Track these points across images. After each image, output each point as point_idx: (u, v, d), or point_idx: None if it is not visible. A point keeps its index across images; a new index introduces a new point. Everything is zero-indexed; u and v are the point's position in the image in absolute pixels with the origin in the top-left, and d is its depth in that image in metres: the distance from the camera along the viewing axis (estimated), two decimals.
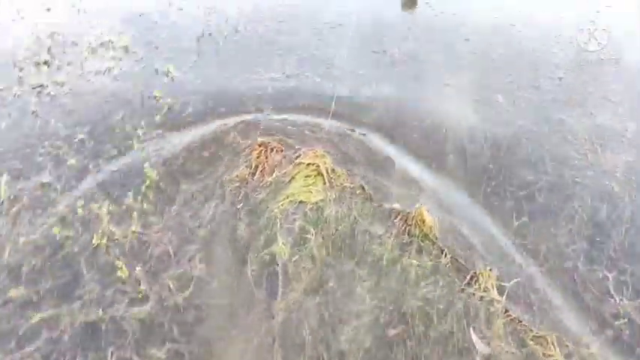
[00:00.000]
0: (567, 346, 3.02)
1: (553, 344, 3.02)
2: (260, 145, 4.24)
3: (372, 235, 3.56)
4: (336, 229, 3.58)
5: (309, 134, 4.44)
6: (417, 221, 3.60)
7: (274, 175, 4.01)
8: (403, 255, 3.45)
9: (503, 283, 3.31)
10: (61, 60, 5.32)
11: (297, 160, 4.12)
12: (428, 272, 3.35)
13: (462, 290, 3.25)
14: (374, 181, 4.03)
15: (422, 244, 3.52)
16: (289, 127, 4.49)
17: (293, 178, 3.99)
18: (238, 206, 3.78)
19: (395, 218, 3.69)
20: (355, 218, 3.67)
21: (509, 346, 3.01)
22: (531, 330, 3.09)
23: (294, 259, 3.41)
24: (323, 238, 3.53)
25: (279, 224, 3.61)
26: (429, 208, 3.69)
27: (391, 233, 3.57)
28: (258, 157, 4.14)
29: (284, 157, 4.17)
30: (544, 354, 2.99)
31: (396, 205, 3.78)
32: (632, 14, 6.37)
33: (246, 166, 4.09)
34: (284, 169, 4.06)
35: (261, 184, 3.96)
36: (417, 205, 3.68)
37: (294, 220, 3.65)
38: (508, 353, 2.98)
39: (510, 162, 4.23)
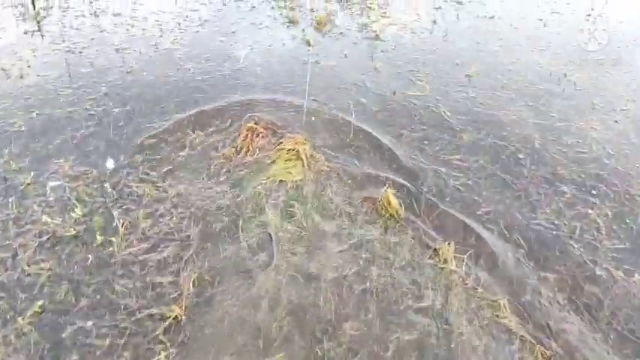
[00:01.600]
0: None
1: (505, 307, 3.41)
2: (247, 130, 4.68)
3: (344, 213, 4.02)
4: (312, 206, 4.03)
5: None
6: (383, 203, 4.04)
7: (255, 155, 4.47)
8: (371, 231, 3.90)
9: (459, 255, 3.74)
10: None
11: (280, 146, 4.54)
12: (392, 247, 3.77)
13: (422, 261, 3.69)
14: None
15: (388, 222, 3.97)
16: None
17: (274, 161, 4.42)
18: (221, 179, 4.26)
19: (364, 200, 4.15)
20: (330, 197, 4.13)
21: (468, 312, 3.39)
22: (484, 297, 3.50)
23: (286, 227, 3.86)
24: (303, 212, 4.00)
25: (265, 199, 4.07)
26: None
27: (361, 212, 4.05)
28: (244, 140, 4.59)
29: (268, 142, 4.64)
30: (497, 316, 3.38)
31: None
32: None
33: (232, 147, 4.58)
34: (266, 152, 4.53)
35: (244, 162, 4.43)
36: (384, 189, 4.12)
37: (278, 196, 4.11)
38: (466, 318, 3.34)
39: None
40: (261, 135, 4.69)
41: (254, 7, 7.25)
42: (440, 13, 7.32)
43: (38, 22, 6.42)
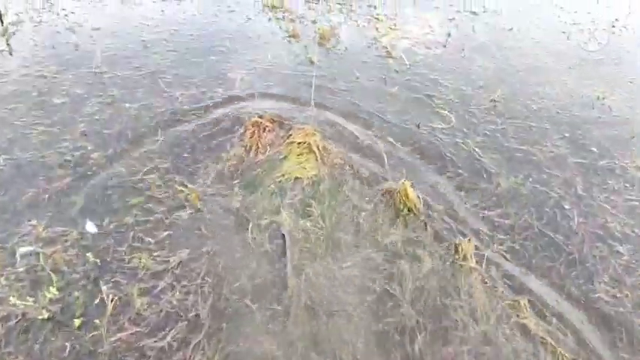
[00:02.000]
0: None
1: (525, 307, 3.35)
2: (253, 125, 4.49)
3: (362, 210, 3.91)
4: (330, 205, 3.91)
5: None
6: (401, 197, 3.92)
7: (267, 153, 4.31)
8: (391, 229, 3.79)
9: (480, 252, 3.69)
10: None
11: (289, 139, 4.36)
12: (413, 244, 3.69)
13: (443, 259, 3.61)
14: None
15: (407, 218, 3.87)
16: None
17: (286, 156, 4.26)
18: (235, 182, 4.08)
19: (382, 195, 4.03)
20: (347, 195, 4.01)
21: (490, 311, 3.33)
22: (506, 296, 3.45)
23: (301, 227, 3.73)
24: (320, 211, 3.86)
25: (279, 198, 3.93)
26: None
27: (379, 209, 3.93)
28: (251, 137, 4.41)
29: (276, 135, 4.46)
30: (519, 316, 3.32)
31: None
32: None
33: (241, 146, 4.38)
34: (277, 148, 4.34)
35: (256, 161, 4.25)
36: (402, 181, 4.01)
37: (295, 195, 3.97)
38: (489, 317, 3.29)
39: None
40: (268, 129, 4.47)
41: (249, 18, 6.56)
42: (454, 24, 6.73)
43: (7, 40, 5.66)
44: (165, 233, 3.63)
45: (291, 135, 4.41)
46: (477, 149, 4.48)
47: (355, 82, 5.38)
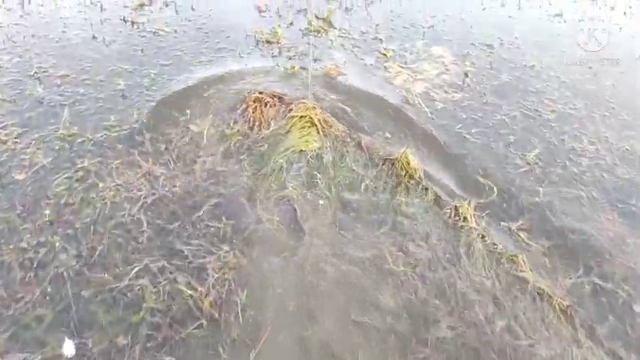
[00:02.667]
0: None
1: (523, 261, 3.63)
2: (254, 101, 4.63)
3: (366, 178, 4.14)
4: (335, 176, 4.12)
5: None
6: (402, 164, 4.17)
7: (271, 128, 4.47)
8: (394, 195, 4.03)
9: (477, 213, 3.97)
10: None
11: (291, 114, 4.53)
12: (415, 208, 3.94)
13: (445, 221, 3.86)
14: None
15: (408, 184, 4.11)
16: None
17: (289, 130, 4.44)
18: (241, 157, 4.24)
19: (383, 163, 4.25)
20: (350, 165, 4.23)
21: (489, 265, 3.61)
22: (504, 252, 3.71)
23: (308, 197, 3.92)
24: (326, 181, 4.07)
25: (285, 172, 4.09)
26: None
27: (381, 176, 4.17)
28: (254, 113, 4.56)
29: (278, 111, 4.62)
30: (517, 270, 3.59)
31: None
32: None
33: (245, 121, 4.56)
34: (279, 123, 4.51)
35: (261, 137, 4.42)
36: (403, 150, 4.27)
37: (300, 167, 4.15)
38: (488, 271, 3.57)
39: None
40: (269, 104, 4.60)
41: (242, 56, 5.80)
42: (469, 61, 6.08)
43: None
44: None
45: (291, 110, 4.59)
46: (522, 235, 3.87)
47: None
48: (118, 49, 5.68)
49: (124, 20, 6.26)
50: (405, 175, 4.12)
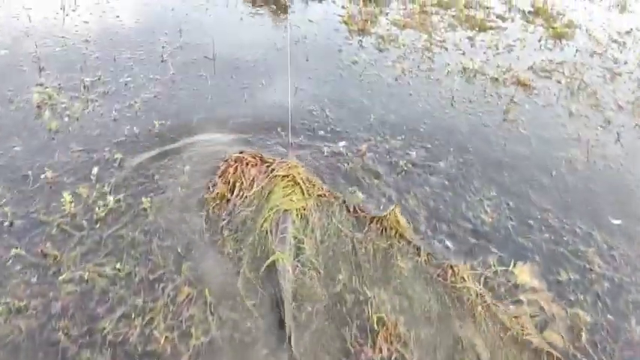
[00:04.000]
0: None
1: (529, 323, 3.46)
2: (235, 161, 4.47)
3: (355, 241, 3.95)
4: (322, 240, 3.92)
5: None
6: (391, 223, 4.02)
7: (253, 190, 4.25)
8: (386, 257, 3.85)
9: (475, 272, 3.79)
10: None
11: (273, 173, 4.36)
12: (411, 271, 3.77)
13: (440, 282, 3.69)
14: None
15: (399, 244, 3.95)
16: None
17: (271, 191, 4.24)
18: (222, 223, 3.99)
19: (371, 222, 4.09)
20: (337, 226, 4.03)
21: (493, 328, 3.40)
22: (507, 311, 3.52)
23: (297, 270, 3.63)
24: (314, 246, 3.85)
25: (270, 239, 3.81)
26: None
27: (371, 238, 3.99)
28: (234, 173, 4.35)
29: (259, 171, 4.42)
30: (523, 332, 3.38)
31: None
32: None
33: (224, 183, 4.30)
34: (261, 183, 4.30)
35: (243, 201, 4.18)
36: (391, 208, 4.11)
37: (285, 228, 3.85)
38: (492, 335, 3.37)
39: None
40: (250, 164, 4.44)
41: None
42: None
43: None
44: None
45: (273, 170, 4.42)
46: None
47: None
48: None
49: None
50: (396, 235, 3.99)
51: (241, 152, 4.55)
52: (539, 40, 7.67)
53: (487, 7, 8.50)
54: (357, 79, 6.15)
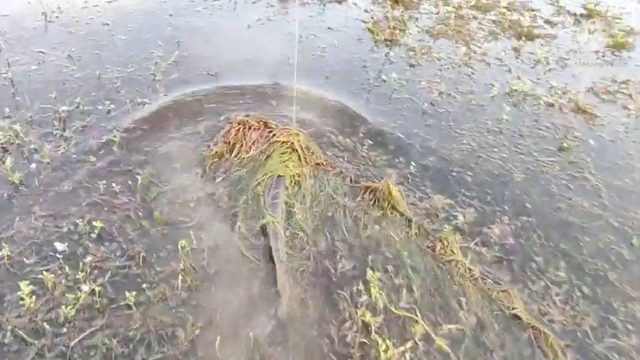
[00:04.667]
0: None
1: (515, 296, 3.43)
2: (239, 123, 4.49)
3: (346, 209, 3.95)
4: (311, 205, 3.97)
5: None
6: (384, 194, 4.01)
7: (250, 152, 4.36)
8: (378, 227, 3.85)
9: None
10: None
11: (274, 139, 4.40)
12: (401, 241, 3.77)
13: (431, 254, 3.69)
14: None
15: (391, 215, 3.95)
16: None
17: (269, 155, 4.31)
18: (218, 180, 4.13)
19: (364, 193, 4.09)
20: (330, 194, 4.06)
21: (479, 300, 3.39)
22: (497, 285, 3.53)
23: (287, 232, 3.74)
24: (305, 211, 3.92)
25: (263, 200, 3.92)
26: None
27: (362, 207, 4.00)
28: (235, 135, 4.41)
29: (261, 135, 4.46)
30: (509, 307, 3.36)
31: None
32: None
33: (224, 143, 4.38)
34: (260, 147, 4.39)
35: (239, 161, 4.30)
36: (384, 180, 4.11)
37: (278, 194, 3.93)
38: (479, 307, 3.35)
39: None
40: (253, 128, 4.48)
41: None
42: None
43: None
44: None
45: (275, 135, 4.48)
46: None
47: None
48: None
49: None
50: (388, 206, 4.00)
51: (247, 115, 4.62)
52: (597, 52, 6.67)
53: (532, 10, 7.47)
54: (387, 104, 5.25)
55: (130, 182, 3.94)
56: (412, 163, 4.46)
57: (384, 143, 4.68)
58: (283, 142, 4.36)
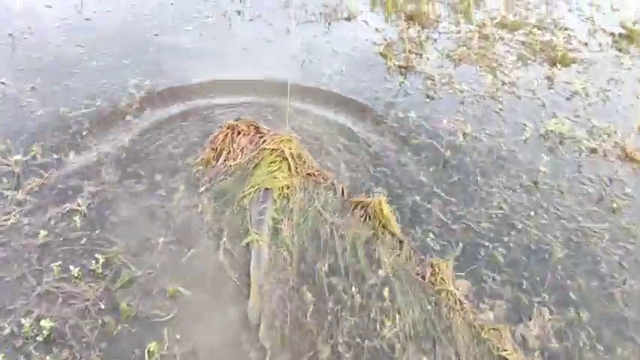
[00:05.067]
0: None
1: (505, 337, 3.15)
2: (228, 128, 4.33)
3: (335, 227, 3.72)
4: (301, 222, 3.76)
5: None
6: (375, 211, 3.81)
7: (238, 160, 4.16)
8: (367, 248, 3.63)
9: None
10: None
11: (263, 145, 4.19)
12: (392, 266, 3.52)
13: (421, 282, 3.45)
14: None
15: (382, 235, 3.71)
16: None
17: (257, 164, 4.10)
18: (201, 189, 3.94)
19: (354, 208, 3.88)
20: (318, 210, 3.83)
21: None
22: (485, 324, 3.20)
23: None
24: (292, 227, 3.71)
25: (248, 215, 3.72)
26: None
27: (351, 225, 3.77)
28: (223, 140, 4.23)
29: (251, 141, 4.26)
30: (498, 347, 3.08)
31: None
32: None
33: (211, 149, 4.18)
34: (249, 154, 4.17)
35: (226, 169, 4.09)
36: (376, 196, 3.90)
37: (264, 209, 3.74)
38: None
39: None
40: (242, 133, 4.28)
41: None
42: None
43: None
44: None
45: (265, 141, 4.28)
46: None
47: None
48: None
49: None
50: (379, 225, 3.78)
51: (237, 119, 4.44)
52: None
53: (565, 29, 6.66)
54: (404, 152, 4.51)
55: (92, 264, 3.27)
56: (431, 234, 3.76)
57: (400, 209, 3.95)
58: (273, 150, 4.14)
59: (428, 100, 5.21)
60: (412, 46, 5.93)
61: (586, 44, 6.44)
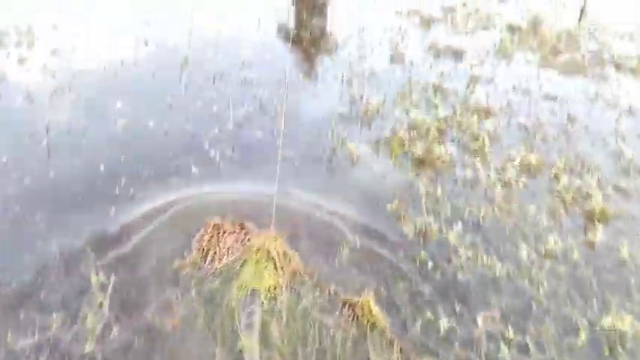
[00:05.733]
0: None
1: None
2: (213, 228, 4.43)
3: (324, 328, 3.78)
4: (289, 322, 3.82)
5: None
6: (363, 311, 3.86)
7: (224, 260, 4.21)
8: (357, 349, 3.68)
9: None
10: None
11: (249, 244, 4.30)
12: None
13: None
14: None
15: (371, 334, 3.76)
16: None
17: (244, 263, 4.15)
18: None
19: (343, 307, 3.92)
20: (306, 309, 3.90)
21: None
22: None
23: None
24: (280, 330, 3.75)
25: (237, 318, 3.77)
26: None
27: (340, 324, 3.82)
28: (209, 241, 4.32)
29: (237, 239, 4.33)
30: None
31: None
32: None
33: (198, 250, 4.29)
34: (235, 254, 4.23)
35: (213, 271, 4.14)
36: (364, 295, 3.95)
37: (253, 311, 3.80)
38: None
39: None
40: (228, 231, 4.39)
41: None
42: None
43: None
44: None
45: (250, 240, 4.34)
46: None
47: None
48: None
49: None
50: (368, 324, 3.79)
51: (222, 218, 4.51)
52: None
53: (594, 169, 5.97)
54: None
55: None
56: None
57: None
58: (259, 249, 4.18)
59: (455, 296, 4.31)
60: (429, 204, 5.16)
61: (622, 190, 5.72)
